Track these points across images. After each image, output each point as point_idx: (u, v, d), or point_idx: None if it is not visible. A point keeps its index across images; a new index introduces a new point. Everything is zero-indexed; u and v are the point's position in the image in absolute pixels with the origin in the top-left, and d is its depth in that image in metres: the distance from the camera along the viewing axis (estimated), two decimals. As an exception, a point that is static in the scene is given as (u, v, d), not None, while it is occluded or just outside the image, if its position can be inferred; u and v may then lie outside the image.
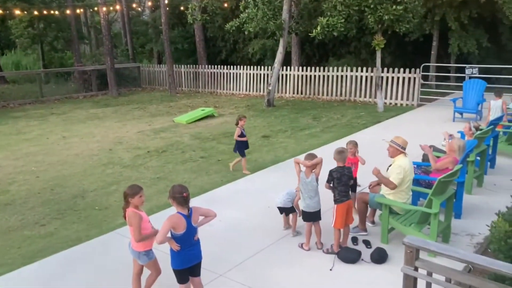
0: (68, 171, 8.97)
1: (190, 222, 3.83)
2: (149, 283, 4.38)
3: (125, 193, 4.13)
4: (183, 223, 3.79)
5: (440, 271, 3.16)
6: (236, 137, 8.25)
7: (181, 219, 3.80)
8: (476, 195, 6.88)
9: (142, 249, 4.17)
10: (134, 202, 4.10)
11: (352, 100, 16.39)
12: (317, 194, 5.20)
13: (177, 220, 3.79)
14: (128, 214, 4.10)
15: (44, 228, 6.31)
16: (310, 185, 5.13)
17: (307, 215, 5.25)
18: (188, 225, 3.81)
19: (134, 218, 4.05)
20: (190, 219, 3.84)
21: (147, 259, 4.22)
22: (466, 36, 17.42)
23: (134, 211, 4.10)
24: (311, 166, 5.14)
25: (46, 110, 16.87)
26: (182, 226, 3.79)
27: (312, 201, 5.18)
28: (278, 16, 14.94)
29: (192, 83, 21.16)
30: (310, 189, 5.15)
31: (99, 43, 32.81)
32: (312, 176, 5.14)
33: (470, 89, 12.51)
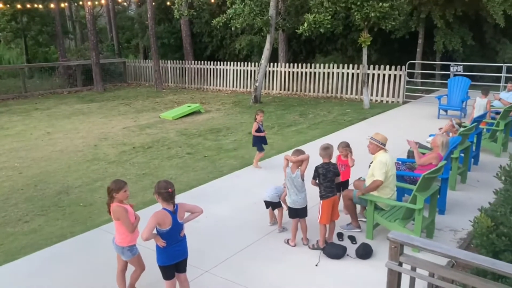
0: (52, 167, 8.86)
1: (175, 218, 3.82)
2: (133, 279, 4.36)
3: (109, 188, 4.09)
4: (168, 219, 3.78)
5: (423, 266, 3.19)
6: (254, 132, 8.20)
7: (167, 215, 3.78)
8: (459, 191, 6.97)
9: (126, 244, 4.15)
10: (118, 197, 4.07)
11: (338, 97, 16.46)
12: (303, 190, 5.22)
13: (163, 217, 3.78)
14: (113, 209, 4.08)
15: (27, 225, 6.23)
16: (295, 180, 5.16)
17: (293, 211, 5.27)
18: (173, 221, 3.80)
19: (121, 212, 4.04)
20: (176, 215, 3.83)
21: (131, 254, 4.20)
22: (451, 34, 17.62)
23: (119, 205, 4.08)
24: (297, 162, 5.16)
25: (29, 106, 16.63)
26: (168, 222, 3.77)
27: (298, 197, 5.19)
28: (265, 12, 14.92)
29: (178, 79, 21.03)
30: (296, 185, 5.17)
31: (84, 38, 32.42)
32: (297, 172, 5.15)
33: (455, 86, 12.65)
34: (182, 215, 3.90)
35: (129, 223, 4.06)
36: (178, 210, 3.86)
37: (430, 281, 3.27)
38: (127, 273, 4.40)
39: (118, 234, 4.18)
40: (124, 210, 4.07)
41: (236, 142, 10.50)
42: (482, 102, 10.10)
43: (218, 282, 4.61)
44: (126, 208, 4.12)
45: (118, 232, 4.18)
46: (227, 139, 10.81)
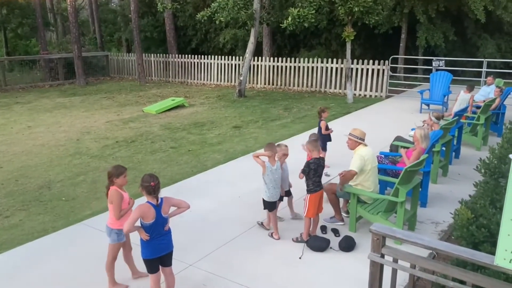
0: (34, 162, 8.74)
1: (159, 212, 3.81)
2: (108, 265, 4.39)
3: (110, 172, 4.22)
4: (152, 212, 3.77)
5: (405, 257, 3.24)
6: (325, 131, 7.73)
7: (150, 209, 3.77)
8: (441, 184, 7.08)
9: (116, 227, 4.24)
10: (118, 182, 4.19)
11: (322, 91, 16.52)
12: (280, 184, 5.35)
13: (146, 210, 3.77)
14: (110, 192, 4.20)
15: (8, 220, 6.14)
16: (276, 173, 5.25)
17: (272, 204, 5.36)
18: (157, 215, 3.79)
19: (116, 197, 4.16)
20: (160, 208, 3.82)
21: (116, 238, 4.28)
22: (433, 29, 17.79)
23: (117, 189, 4.20)
24: (272, 156, 5.22)
25: (10, 99, 16.34)
26: (151, 215, 3.77)
27: (275, 191, 5.30)
28: (249, 6, 14.87)
29: (162, 72, 20.86)
30: (277, 178, 5.27)
31: (66, 30, 31.89)
32: (277, 164, 5.26)
33: (437, 81, 12.79)
34: (166, 210, 3.88)
35: (118, 209, 4.16)
36: (163, 204, 3.85)
37: (411, 272, 3.33)
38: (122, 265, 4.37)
39: (110, 217, 4.28)
40: (119, 196, 4.17)
41: (220, 136, 10.47)
42: (465, 96, 10.24)
43: (203, 276, 4.61)
44: (122, 194, 4.22)
45: (110, 214, 4.28)
46: (211, 133, 10.78)
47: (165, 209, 3.86)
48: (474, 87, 10.63)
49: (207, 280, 4.53)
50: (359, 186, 5.50)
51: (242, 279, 4.54)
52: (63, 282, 4.57)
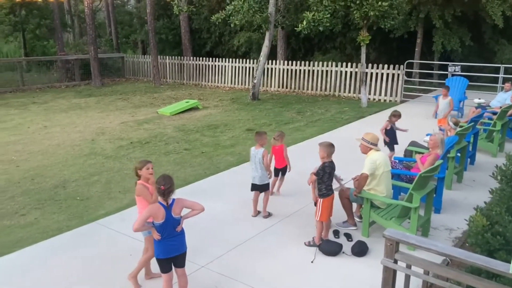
0: (49, 161, 8.85)
1: (169, 213, 3.83)
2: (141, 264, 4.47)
3: (136, 166, 4.41)
4: (161, 212, 3.80)
5: (419, 263, 3.21)
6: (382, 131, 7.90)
7: (160, 209, 3.81)
8: (455, 190, 7.00)
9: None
10: (143, 174, 4.34)
11: (336, 95, 16.47)
12: (261, 169, 5.93)
13: (156, 210, 3.82)
14: (136, 187, 4.34)
15: (24, 218, 6.23)
16: (257, 157, 5.92)
17: (252, 186, 6.05)
18: (167, 215, 3.82)
19: (141, 189, 4.30)
20: (170, 209, 3.84)
21: (147, 233, 4.35)
22: (449, 34, 17.63)
23: (144, 184, 4.33)
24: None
25: (27, 99, 16.59)
26: (161, 215, 3.80)
27: (255, 173, 5.94)
28: (264, 9, 14.90)
29: (176, 74, 21.00)
30: (256, 162, 5.92)
31: (83, 32, 32.29)
32: (259, 150, 5.94)
33: (453, 86, 12.67)
34: (177, 211, 3.89)
35: (149, 195, 4.25)
36: (174, 205, 3.86)
37: (425, 279, 3.30)
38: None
39: (139, 212, 4.38)
40: (144, 187, 4.29)
41: (233, 138, 10.50)
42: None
43: (214, 278, 4.62)
44: (147, 186, 4.32)
45: (139, 209, 4.41)
46: (224, 135, 10.81)
47: (176, 210, 3.87)
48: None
49: (218, 282, 4.54)
50: (372, 191, 5.47)
51: (254, 281, 4.54)
52: (76, 281, 4.62)
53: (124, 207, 6.49)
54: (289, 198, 6.71)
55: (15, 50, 29.35)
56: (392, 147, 8.08)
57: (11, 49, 29.81)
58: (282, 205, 6.44)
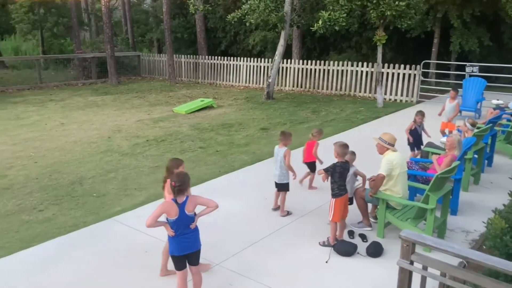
0: (66, 158, 8.97)
1: (182, 209, 3.83)
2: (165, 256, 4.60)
3: (170, 165, 4.54)
4: (174, 209, 3.81)
5: (435, 265, 3.19)
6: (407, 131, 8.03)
7: (173, 206, 3.82)
8: (472, 192, 6.92)
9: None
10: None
11: (352, 95, 16.39)
12: (282, 167, 5.96)
13: (168, 206, 3.84)
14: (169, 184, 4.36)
15: (41, 214, 6.33)
16: (279, 156, 5.99)
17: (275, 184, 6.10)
18: (180, 212, 3.82)
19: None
20: (183, 206, 3.83)
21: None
22: (468, 34, 17.40)
23: None
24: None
25: (44, 96, 16.82)
26: (174, 212, 3.81)
27: (275, 172, 6.03)
28: (280, 9, 14.89)
29: (191, 73, 21.10)
30: (277, 160, 6.00)
31: (100, 30, 32.62)
32: (282, 149, 5.99)
33: (470, 87, 12.52)
34: (190, 208, 3.87)
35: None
36: (187, 202, 3.86)
37: (441, 281, 3.26)
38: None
39: None
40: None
41: (248, 137, 10.52)
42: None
43: (229, 275, 4.65)
44: None
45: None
46: (239, 134, 10.84)
47: (189, 208, 3.86)
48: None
49: (233, 280, 4.56)
50: (388, 191, 5.44)
51: (268, 280, 4.55)
52: (92, 276, 4.68)
53: (140, 204, 6.55)
54: (308, 195, 6.70)
55: (33, 48, 29.77)
56: (414, 148, 8.07)
57: (29, 47, 30.25)
58: (300, 202, 6.42)
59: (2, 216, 6.26)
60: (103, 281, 4.58)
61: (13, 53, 29.84)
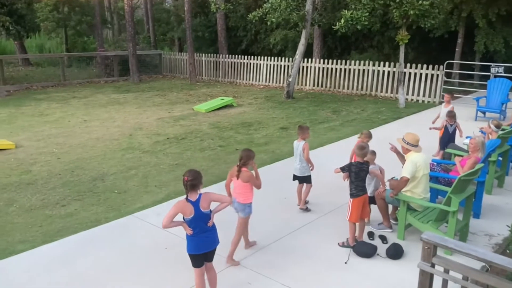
0: (89, 154, 9.12)
1: (197, 207, 3.82)
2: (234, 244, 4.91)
3: (247, 155, 4.80)
4: (189, 207, 3.81)
5: (457, 268, 3.14)
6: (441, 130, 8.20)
7: (187, 205, 3.82)
8: (496, 195, 6.79)
9: (248, 201, 4.88)
10: (250, 163, 4.81)
11: (373, 94, 16.23)
12: (302, 161, 6.06)
13: (182, 205, 3.85)
14: (245, 174, 4.76)
15: (64, 209, 6.45)
16: (298, 149, 6.08)
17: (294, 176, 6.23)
18: (195, 210, 3.82)
19: (251, 176, 4.82)
20: (198, 204, 3.83)
21: (249, 211, 4.91)
22: (493, 34, 17.04)
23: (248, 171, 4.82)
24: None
25: (68, 94, 17.12)
26: (189, 210, 3.82)
27: (295, 165, 6.15)
28: (302, 7, 14.84)
29: (212, 72, 21.19)
30: (297, 154, 6.09)
31: (122, 29, 33.05)
32: (301, 143, 6.09)
33: (495, 88, 12.28)
34: (205, 205, 3.86)
35: (257, 182, 4.86)
36: (201, 199, 3.84)
37: (463, 285, 3.21)
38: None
39: (242, 194, 4.84)
40: (252, 175, 4.84)
41: (267, 136, 10.52)
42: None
43: (247, 274, 4.66)
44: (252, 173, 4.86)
45: (242, 192, 4.84)
46: (258, 133, 10.85)
47: (203, 205, 3.84)
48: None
49: (251, 279, 4.58)
50: (409, 192, 5.37)
51: (286, 280, 4.55)
52: (113, 271, 4.75)
53: (160, 201, 6.62)
54: (328, 195, 6.67)
55: (57, 45, 30.34)
56: (444, 147, 8.01)
57: (53, 45, 30.82)
58: (320, 201, 6.40)
59: (26, 210, 6.41)
60: (123, 276, 4.65)
61: (37, 50, 30.45)
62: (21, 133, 10.91)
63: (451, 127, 7.97)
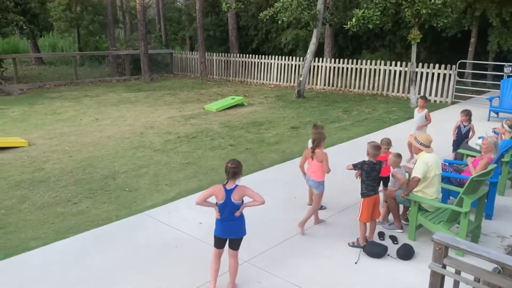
0: (100, 152, 9.19)
1: (229, 196, 4.05)
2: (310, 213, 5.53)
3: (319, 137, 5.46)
4: (221, 193, 4.06)
5: (469, 270, 3.11)
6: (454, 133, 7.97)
7: (221, 190, 4.08)
8: (509, 196, 6.71)
9: (322, 179, 5.45)
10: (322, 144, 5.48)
11: (384, 94, 16.14)
12: None
13: (217, 190, 4.10)
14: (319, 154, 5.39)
15: (76, 206, 6.51)
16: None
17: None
18: (226, 197, 4.05)
19: (325, 156, 5.38)
20: (230, 193, 4.04)
21: (322, 188, 5.41)
22: (506, 33, 16.84)
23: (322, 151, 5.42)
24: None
25: (80, 92, 17.27)
26: (221, 196, 4.07)
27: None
28: (313, 7, 14.79)
29: (223, 71, 21.23)
30: None
31: (134, 28, 33.25)
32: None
33: (508, 88, 12.14)
34: (236, 197, 4.05)
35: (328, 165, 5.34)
36: (235, 190, 4.06)
37: (475, 286, 3.18)
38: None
39: (316, 173, 5.44)
40: (326, 155, 5.35)
41: (277, 136, 10.52)
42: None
43: (257, 273, 4.66)
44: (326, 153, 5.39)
45: (316, 171, 5.44)
46: (269, 132, 10.84)
47: (235, 196, 4.04)
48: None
49: (261, 278, 4.58)
50: (420, 193, 5.34)
51: (296, 279, 4.54)
52: (123, 268, 4.79)
53: (170, 199, 6.65)
54: (338, 195, 6.65)
55: (69, 44, 30.64)
56: (455, 148, 7.86)
57: (66, 44, 31.14)
58: (331, 201, 6.38)
59: (39, 207, 6.48)
60: (134, 274, 4.68)
61: (50, 49, 30.78)
62: (34, 131, 11.04)
63: (464, 128, 7.85)
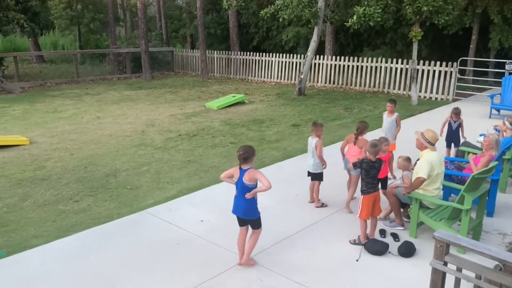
0: (101, 150, 9.19)
1: (241, 176, 4.47)
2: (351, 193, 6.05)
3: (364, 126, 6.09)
4: (237, 173, 4.54)
5: (470, 267, 3.12)
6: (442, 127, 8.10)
7: (237, 170, 4.55)
8: (510, 193, 6.71)
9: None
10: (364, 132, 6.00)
11: (385, 92, 16.12)
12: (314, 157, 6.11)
13: (235, 169, 4.59)
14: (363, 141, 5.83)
15: (77, 204, 6.52)
16: (311, 146, 6.14)
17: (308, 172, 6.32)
18: (239, 177, 4.48)
19: (366, 142, 5.55)
20: (242, 174, 4.46)
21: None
22: (508, 30, 16.81)
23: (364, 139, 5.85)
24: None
25: (81, 90, 17.27)
26: (236, 175, 4.54)
27: (308, 161, 6.21)
28: (314, 4, 14.76)
29: (224, 69, 21.22)
30: (310, 150, 6.18)
31: (134, 26, 33.24)
32: (313, 140, 6.13)
33: (510, 85, 12.12)
34: (247, 177, 4.44)
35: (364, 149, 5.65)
36: (246, 172, 4.46)
37: (476, 283, 3.19)
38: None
39: (355, 157, 5.72)
40: (367, 142, 5.46)
41: (278, 133, 10.52)
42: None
43: (258, 270, 4.67)
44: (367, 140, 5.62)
45: (356, 155, 5.82)
46: (270, 130, 10.84)
47: (246, 177, 4.44)
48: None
49: (262, 275, 4.58)
50: (422, 190, 5.34)
51: (297, 277, 4.55)
52: (125, 266, 4.79)
53: (172, 197, 6.65)
54: (340, 192, 6.65)
55: (70, 43, 30.63)
56: (448, 144, 8.02)
57: (67, 42, 31.13)
58: (333, 199, 6.38)
59: (40, 205, 6.49)
60: (135, 271, 4.68)
61: (51, 48, 30.76)
62: (35, 129, 11.05)
63: (454, 124, 7.87)
